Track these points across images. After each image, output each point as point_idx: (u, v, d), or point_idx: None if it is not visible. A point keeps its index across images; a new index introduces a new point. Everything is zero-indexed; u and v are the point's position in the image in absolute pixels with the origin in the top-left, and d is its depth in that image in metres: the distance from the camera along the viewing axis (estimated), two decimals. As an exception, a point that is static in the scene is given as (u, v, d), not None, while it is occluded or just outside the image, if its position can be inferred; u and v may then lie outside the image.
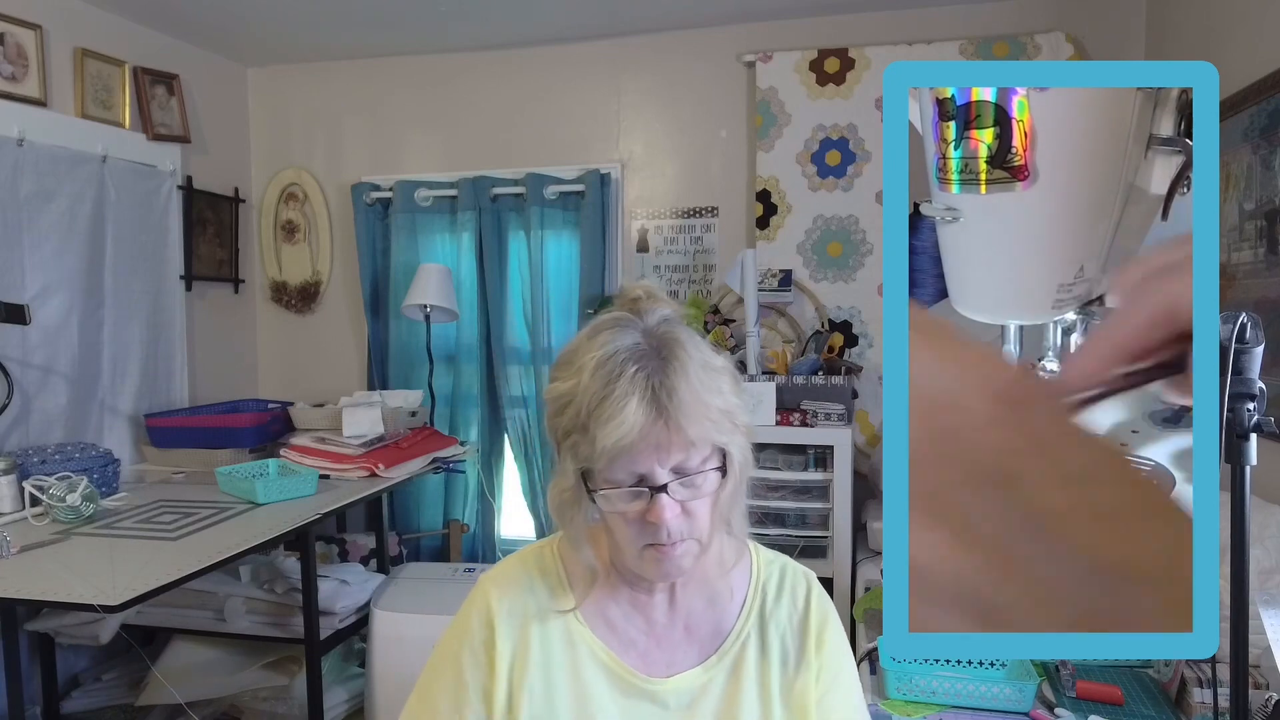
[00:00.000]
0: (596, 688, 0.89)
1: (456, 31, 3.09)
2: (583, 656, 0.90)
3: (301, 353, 3.55)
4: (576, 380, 0.79)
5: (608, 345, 0.79)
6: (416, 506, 3.31)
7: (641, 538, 0.83)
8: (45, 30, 2.57)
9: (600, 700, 0.89)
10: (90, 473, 2.26)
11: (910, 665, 1.43)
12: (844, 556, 2.42)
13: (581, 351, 0.81)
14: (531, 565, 0.95)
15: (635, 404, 0.76)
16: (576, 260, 3.12)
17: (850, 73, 2.89)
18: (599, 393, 0.77)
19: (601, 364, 0.78)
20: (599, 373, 0.78)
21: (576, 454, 0.80)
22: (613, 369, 0.77)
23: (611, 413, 0.76)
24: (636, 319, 0.83)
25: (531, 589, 0.93)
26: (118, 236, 2.80)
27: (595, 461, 0.79)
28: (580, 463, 0.81)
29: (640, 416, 0.76)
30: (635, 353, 0.79)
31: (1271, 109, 1.84)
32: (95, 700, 2.62)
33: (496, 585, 0.93)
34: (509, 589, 0.92)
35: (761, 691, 0.92)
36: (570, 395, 0.80)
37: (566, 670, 0.89)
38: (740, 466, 0.84)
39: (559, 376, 0.83)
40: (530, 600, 0.92)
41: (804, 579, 1.00)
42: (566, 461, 0.82)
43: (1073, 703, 1.42)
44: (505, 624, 0.90)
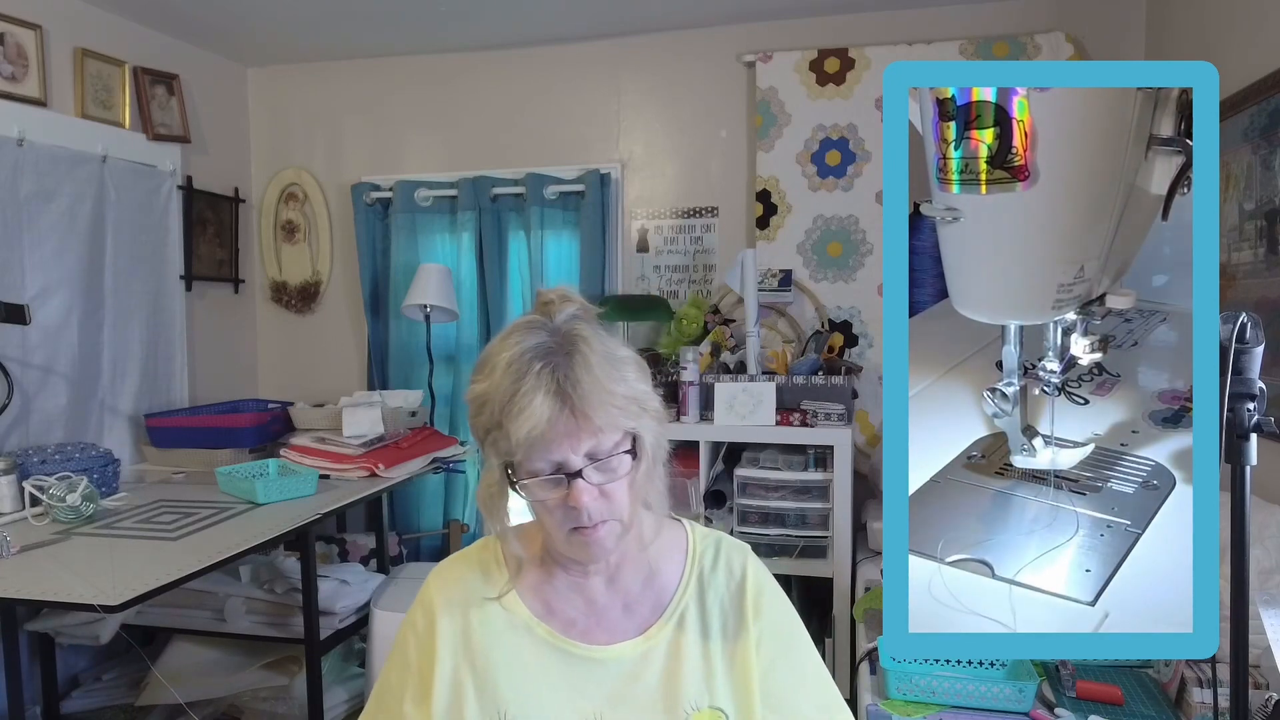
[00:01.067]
0: (538, 660, 0.94)
1: (456, 31, 3.09)
2: (522, 635, 0.96)
3: (301, 353, 3.55)
4: (489, 380, 0.86)
5: (516, 346, 0.85)
6: (416, 506, 3.31)
7: (566, 522, 0.89)
8: (45, 30, 2.57)
9: (543, 670, 0.94)
10: (90, 473, 2.26)
11: (910, 665, 1.43)
12: (844, 556, 2.42)
13: (494, 354, 0.87)
14: (472, 558, 1.02)
15: (542, 397, 0.82)
16: (576, 260, 3.12)
17: (850, 73, 2.89)
18: (509, 389, 0.83)
19: (511, 363, 0.84)
20: (509, 371, 0.84)
21: (498, 449, 0.87)
22: (520, 367, 0.84)
23: (522, 406, 0.82)
24: (546, 319, 0.89)
25: (469, 578, 1.00)
26: (118, 236, 2.80)
27: (514, 454, 0.85)
28: (502, 457, 0.87)
29: (547, 409, 0.82)
30: (541, 350, 0.85)
31: (1271, 109, 1.84)
32: (95, 700, 2.62)
33: (438, 577, 1.01)
34: (448, 579, 1.00)
35: (704, 658, 0.95)
36: (486, 395, 0.86)
37: (508, 649, 0.95)
38: (652, 448, 0.91)
39: (476, 379, 0.89)
40: (469, 588, 0.99)
41: (739, 552, 1.03)
42: (490, 458, 0.88)
43: (1073, 703, 1.43)
44: (445, 612, 0.97)
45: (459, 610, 0.97)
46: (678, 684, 0.93)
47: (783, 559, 2.45)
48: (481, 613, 0.97)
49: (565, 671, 0.94)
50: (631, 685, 0.93)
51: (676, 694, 0.93)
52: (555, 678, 0.94)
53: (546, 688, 0.93)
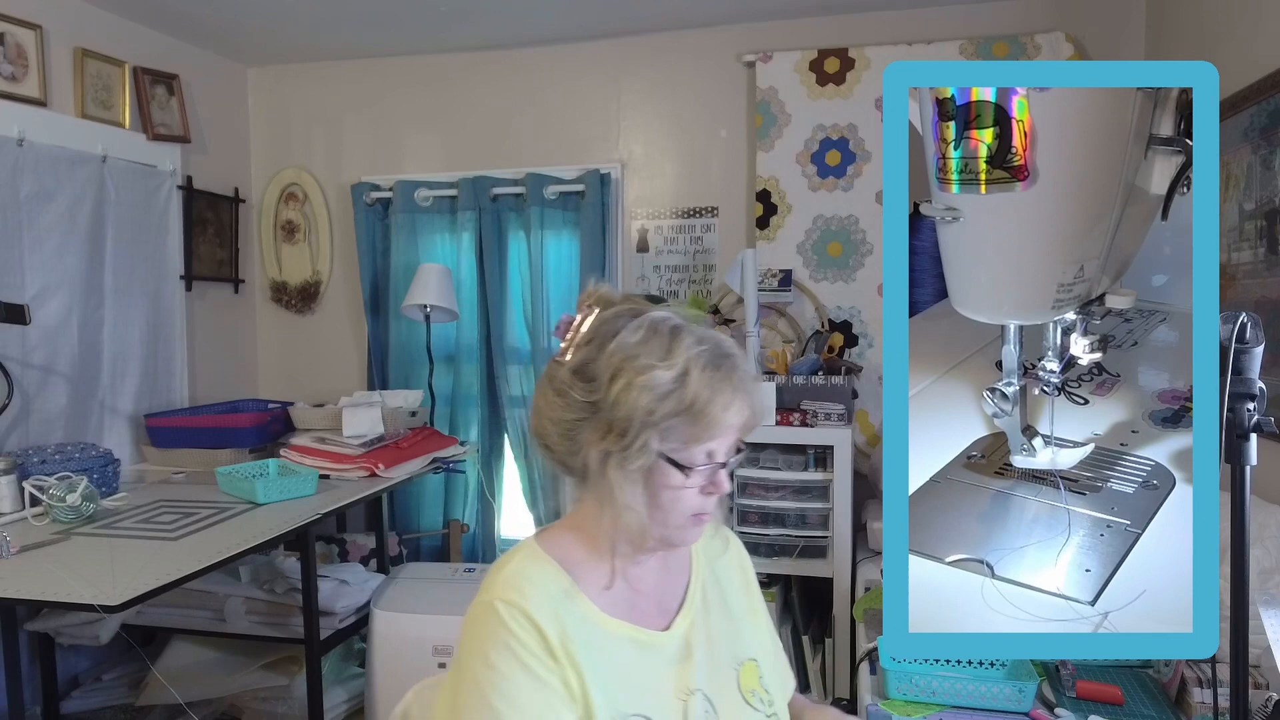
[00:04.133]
0: (627, 654, 0.95)
1: (456, 31, 3.09)
2: (607, 632, 0.94)
3: (301, 353, 3.55)
4: (685, 370, 0.88)
5: (699, 344, 0.90)
6: (416, 506, 3.31)
7: (694, 508, 0.94)
8: (45, 30, 2.57)
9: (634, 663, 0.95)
10: (90, 473, 2.26)
11: (910, 665, 1.43)
12: (844, 556, 2.42)
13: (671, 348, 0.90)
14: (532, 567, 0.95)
15: (740, 391, 0.91)
16: (576, 260, 3.12)
17: (850, 73, 2.89)
18: (716, 384, 0.89)
19: (710, 359, 0.90)
20: (709, 366, 0.89)
21: (667, 438, 0.89)
22: (720, 363, 0.90)
23: (728, 400, 0.89)
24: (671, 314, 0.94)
25: (546, 586, 0.93)
26: (118, 236, 2.80)
27: (688, 444, 0.90)
28: (665, 446, 0.89)
29: (745, 404, 0.91)
30: (722, 350, 0.92)
31: (1271, 109, 1.84)
32: (95, 700, 2.62)
33: (516, 591, 0.91)
34: (526, 591, 0.91)
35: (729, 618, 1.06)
36: (680, 383, 0.88)
37: (604, 649, 0.93)
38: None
39: (651, 369, 0.89)
40: (549, 596, 0.92)
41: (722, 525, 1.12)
42: (648, 443, 0.89)
43: (1073, 703, 1.42)
44: (549, 623, 0.90)
45: (552, 620, 0.90)
46: (719, 648, 1.02)
47: (783, 559, 2.45)
48: (571, 618, 0.91)
49: (648, 661, 0.96)
50: (690, 660, 0.98)
51: (721, 657, 1.01)
52: (651, 668, 0.96)
53: (650, 679, 0.95)
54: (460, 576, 2.68)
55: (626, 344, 0.90)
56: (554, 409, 0.95)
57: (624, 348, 0.90)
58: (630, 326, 0.92)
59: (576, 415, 0.92)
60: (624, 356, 0.90)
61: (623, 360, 0.90)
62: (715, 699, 0.98)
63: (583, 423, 0.92)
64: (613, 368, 0.90)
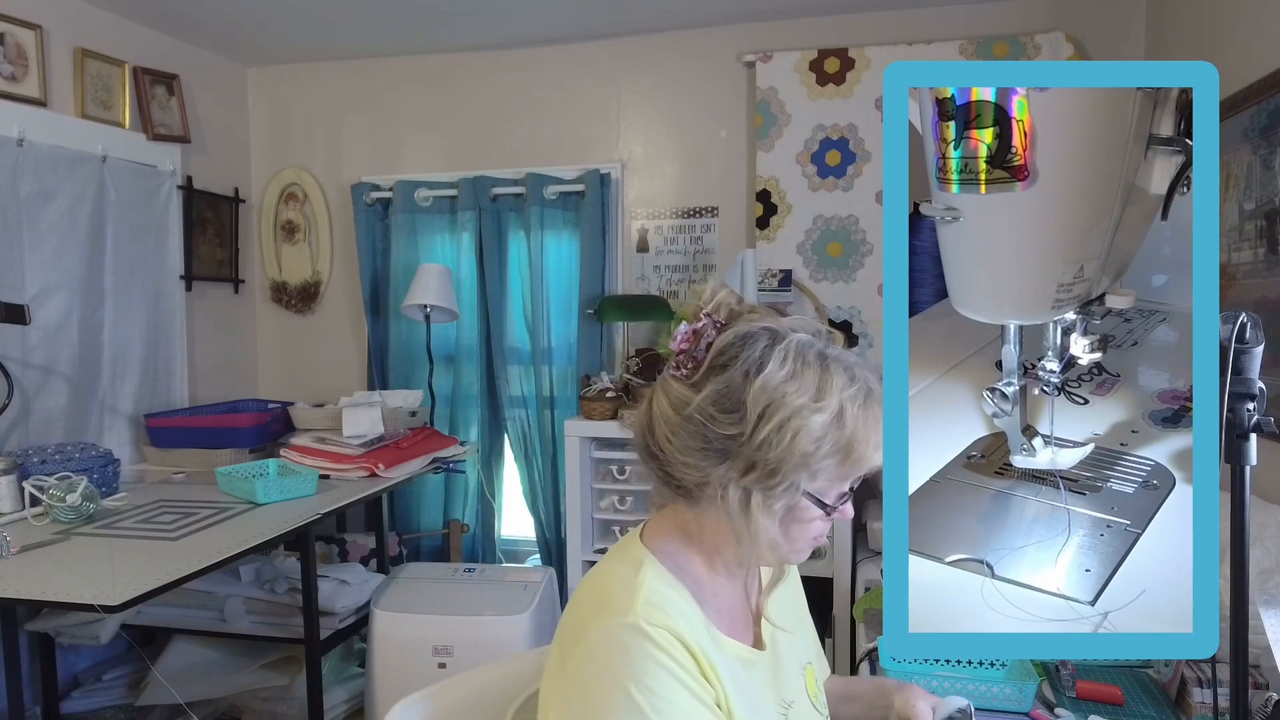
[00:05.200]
0: (745, 674, 0.94)
1: (456, 31, 3.09)
2: (726, 652, 0.92)
3: (301, 353, 3.55)
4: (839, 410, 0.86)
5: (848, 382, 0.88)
6: (416, 506, 3.31)
7: (819, 533, 0.94)
8: (45, 30, 2.57)
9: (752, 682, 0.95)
10: (90, 473, 2.26)
11: (910, 665, 1.43)
12: (844, 556, 2.42)
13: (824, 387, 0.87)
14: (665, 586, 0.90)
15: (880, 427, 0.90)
16: (576, 260, 3.12)
17: (850, 73, 2.89)
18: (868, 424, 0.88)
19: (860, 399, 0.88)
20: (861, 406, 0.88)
21: (816, 478, 0.88)
22: (867, 402, 0.88)
23: (878, 439, 0.90)
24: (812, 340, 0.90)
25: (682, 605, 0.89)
26: (118, 236, 2.80)
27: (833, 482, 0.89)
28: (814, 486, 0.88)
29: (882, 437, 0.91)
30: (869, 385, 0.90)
31: (1271, 109, 1.84)
32: (95, 700, 2.62)
33: (660, 611, 0.85)
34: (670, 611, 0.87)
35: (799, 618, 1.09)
36: (836, 425, 0.86)
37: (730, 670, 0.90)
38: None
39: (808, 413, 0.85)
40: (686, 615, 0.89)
41: None
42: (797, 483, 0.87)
43: (1073, 703, 1.42)
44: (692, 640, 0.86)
45: (695, 641, 0.86)
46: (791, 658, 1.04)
47: (783, 559, 2.45)
48: (701, 640, 0.88)
49: (754, 677, 0.96)
50: (779, 670, 1.00)
51: (794, 666, 1.04)
52: (755, 684, 0.95)
53: (756, 695, 0.94)
54: (460, 576, 2.68)
55: (775, 379, 0.85)
56: (681, 433, 0.89)
57: (773, 383, 0.85)
58: (777, 357, 0.86)
59: (715, 446, 0.87)
60: (775, 394, 0.84)
61: (773, 398, 0.84)
62: (797, 707, 1.00)
63: (719, 453, 0.87)
64: (762, 404, 0.84)
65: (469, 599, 2.50)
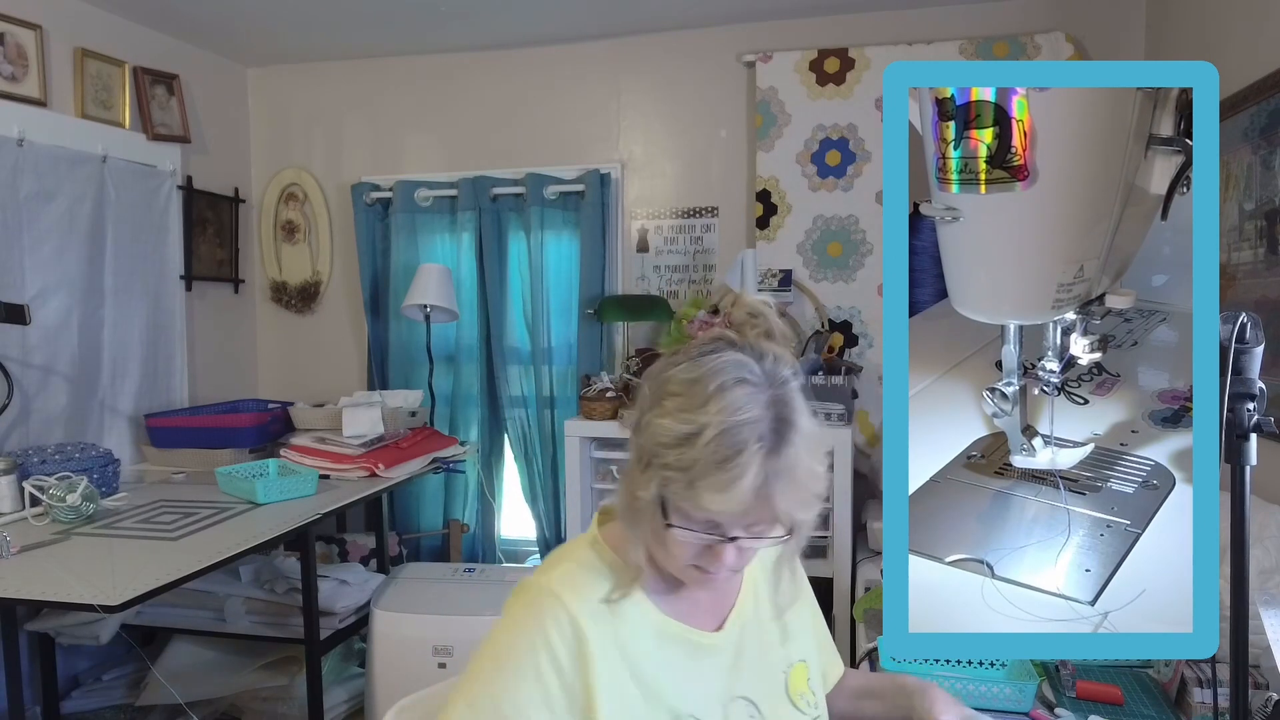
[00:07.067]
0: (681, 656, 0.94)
1: (456, 31, 3.09)
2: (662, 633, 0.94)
3: (301, 353, 3.55)
4: (697, 431, 0.81)
5: (735, 412, 0.81)
6: (416, 506, 3.31)
7: (694, 560, 0.88)
8: (45, 30, 2.57)
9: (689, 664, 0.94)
10: (90, 473, 2.26)
11: (910, 665, 1.43)
12: (844, 556, 2.42)
13: (707, 402, 0.82)
14: (592, 563, 0.95)
15: (746, 483, 0.79)
16: (576, 260, 3.12)
17: (850, 73, 2.89)
18: (716, 462, 0.80)
19: (726, 433, 0.80)
20: (723, 441, 0.80)
21: (666, 486, 0.84)
22: (734, 444, 0.80)
23: (722, 485, 0.80)
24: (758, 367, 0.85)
25: (600, 584, 0.93)
26: (118, 236, 2.80)
27: (681, 502, 0.83)
28: (665, 492, 0.84)
29: (747, 496, 0.80)
30: (756, 431, 0.81)
31: (1271, 109, 1.84)
32: (95, 700, 2.62)
33: (570, 590, 0.91)
34: (583, 591, 0.91)
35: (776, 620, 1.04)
36: (686, 443, 0.82)
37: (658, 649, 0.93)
38: (805, 535, 0.90)
39: (676, 413, 0.84)
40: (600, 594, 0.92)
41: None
42: (652, 481, 0.85)
43: (1073, 703, 1.42)
44: (592, 622, 0.89)
45: (605, 619, 0.90)
46: (772, 654, 1.02)
47: (783, 559, 2.45)
48: (624, 618, 0.92)
49: (703, 662, 0.95)
50: (741, 662, 0.98)
51: (772, 662, 1.02)
52: (700, 670, 0.95)
53: (699, 682, 0.94)
54: (460, 576, 2.68)
55: (677, 379, 0.86)
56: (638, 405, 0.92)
57: (673, 381, 0.87)
58: (700, 362, 0.86)
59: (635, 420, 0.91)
60: (665, 388, 0.87)
61: (662, 390, 0.87)
62: (762, 704, 0.98)
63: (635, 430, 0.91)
64: (654, 393, 0.88)
65: (469, 599, 2.50)
